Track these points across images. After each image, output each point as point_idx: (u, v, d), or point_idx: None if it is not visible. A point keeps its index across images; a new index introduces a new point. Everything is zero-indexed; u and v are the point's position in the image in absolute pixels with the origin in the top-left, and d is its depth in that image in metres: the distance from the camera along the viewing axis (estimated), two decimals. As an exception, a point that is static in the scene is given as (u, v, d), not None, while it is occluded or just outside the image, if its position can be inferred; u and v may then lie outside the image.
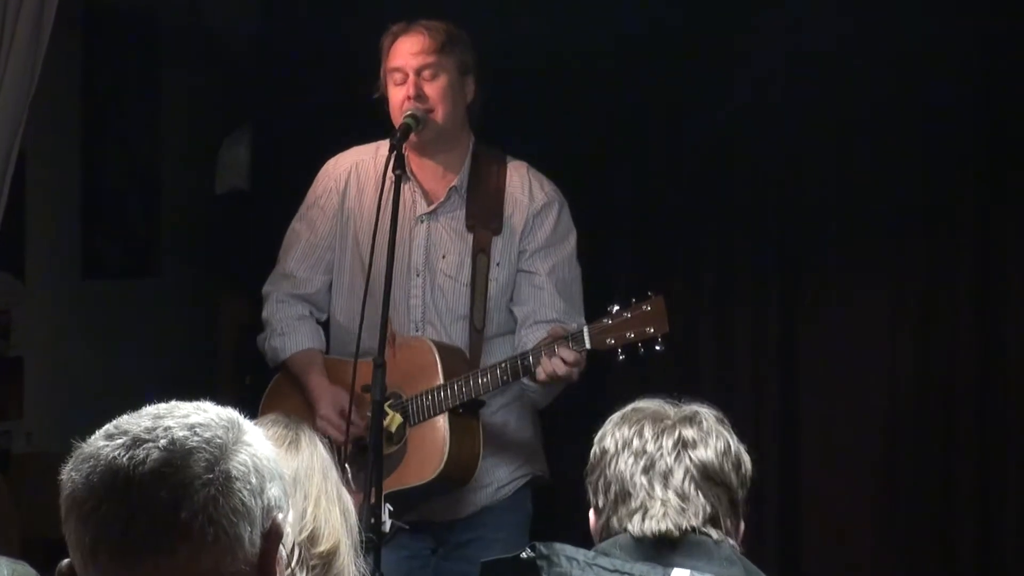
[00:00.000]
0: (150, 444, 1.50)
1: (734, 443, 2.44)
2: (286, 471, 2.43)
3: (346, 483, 2.60)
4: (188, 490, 1.49)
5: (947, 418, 5.03)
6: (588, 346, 3.74)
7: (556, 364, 3.74)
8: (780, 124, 5.18)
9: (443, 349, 3.93)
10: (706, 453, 2.39)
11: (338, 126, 5.35)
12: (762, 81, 5.16)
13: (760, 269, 5.26)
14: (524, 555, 2.29)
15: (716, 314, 5.27)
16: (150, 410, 1.56)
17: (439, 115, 3.96)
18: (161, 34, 5.94)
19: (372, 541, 3.44)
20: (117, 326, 5.73)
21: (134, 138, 5.97)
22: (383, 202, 3.79)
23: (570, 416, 4.54)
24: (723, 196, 5.27)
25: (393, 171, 3.78)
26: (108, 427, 1.55)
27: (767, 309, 5.25)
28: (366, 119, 4.28)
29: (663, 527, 2.35)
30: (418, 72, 3.95)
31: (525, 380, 3.88)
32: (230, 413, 1.59)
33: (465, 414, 3.87)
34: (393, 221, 3.73)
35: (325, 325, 4.18)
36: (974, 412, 4.99)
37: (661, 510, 2.36)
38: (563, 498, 4.20)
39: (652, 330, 3.69)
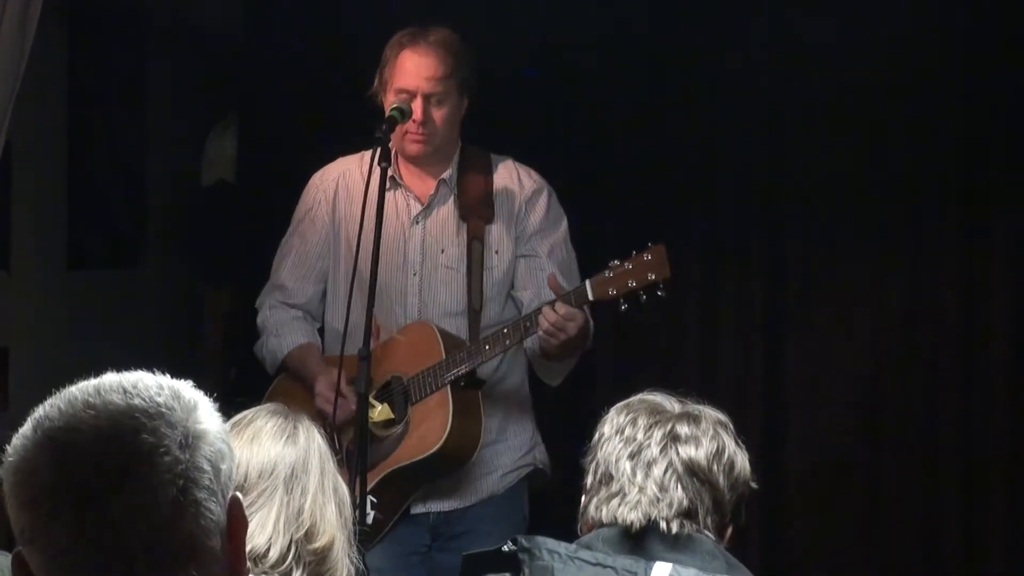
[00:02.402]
0: (108, 484, 1.41)
1: (730, 448, 2.45)
2: (284, 462, 2.43)
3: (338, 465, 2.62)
4: (161, 530, 1.42)
5: (930, 415, 5.05)
6: (591, 298, 3.76)
7: (550, 315, 3.76)
8: (768, 117, 5.20)
9: (443, 331, 3.96)
10: (695, 452, 2.41)
11: (324, 118, 5.35)
12: (750, 78, 5.17)
13: (746, 262, 5.27)
14: (506, 548, 2.31)
15: (701, 308, 5.28)
16: (86, 418, 1.44)
17: (437, 139, 4.00)
18: (146, 26, 5.94)
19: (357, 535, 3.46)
20: (102, 317, 5.73)
21: (120, 130, 5.96)
22: (368, 202, 3.79)
23: (560, 416, 4.56)
24: (708, 192, 5.28)
25: (379, 163, 3.78)
26: (51, 443, 1.44)
27: (752, 303, 5.25)
28: (351, 111, 4.29)
29: (632, 518, 2.36)
30: (426, 97, 3.96)
31: (530, 343, 3.91)
32: (173, 398, 1.47)
33: (467, 389, 3.89)
34: (379, 210, 3.74)
35: (319, 333, 4.20)
36: (958, 408, 5.00)
37: (636, 497, 2.37)
38: (556, 496, 4.22)
39: (653, 276, 3.70)
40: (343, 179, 4.11)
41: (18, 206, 5.39)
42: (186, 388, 1.51)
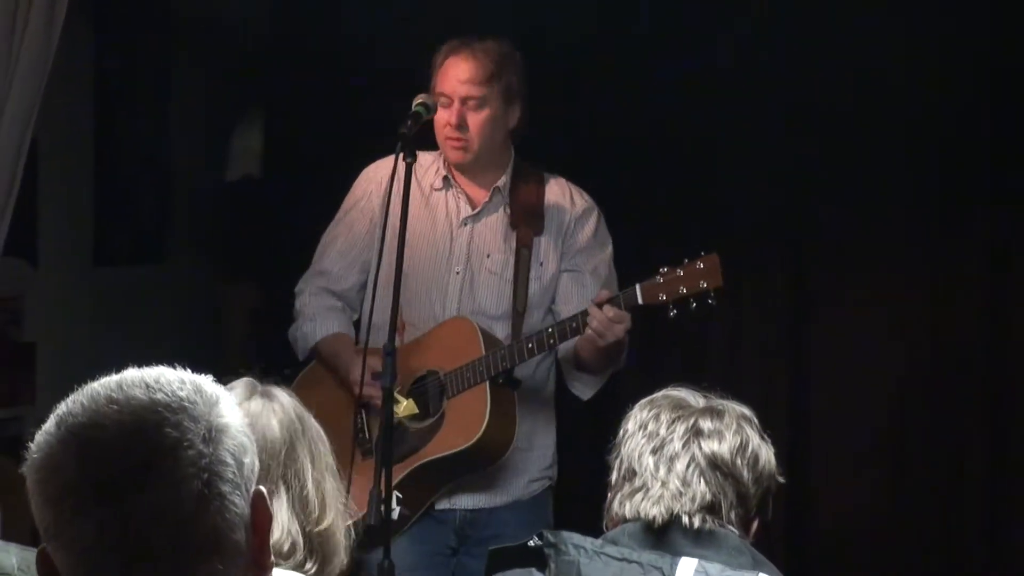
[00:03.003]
0: (132, 479, 1.41)
1: (754, 441, 2.44)
2: (275, 448, 2.39)
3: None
4: (188, 524, 1.42)
5: (957, 406, 5.03)
6: (640, 302, 3.77)
7: (598, 314, 3.76)
8: (791, 114, 5.18)
9: (483, 328, 3.98)
10: (719, 446, 2.40)
11: (349, 114, 5.36)
12: (767, 74, 5.16)
13: (768, 262, 5.26)
14: (532, 543, 2.30)
15: (724, 308, 5.26)
16: (108, 412, 1.44)
17: (475, 145, 4.02)
18: (172, 22, 5.95)
19: (378, 529, 3.46)
20: (128, 312, 5.74)
21: (146, 125, 5.97)
22: (392, 187, 3.79)
23: (588, 417, 4.56)
24: (729, 190, 5.27)
25: (404, 159, 3.78)
26: (74, 439, 1.43)
27: (775, 302, 5.25)
28: (377, 107, 4.29)
29: (654, 512, 2.36)
30: (463, 101, 3.98)
31: (564, 352, 3.93)
32: (196, 395, 1.47)
33: (504, 386, 3.90)
34: (404, 205, 3.74)
35: (356, 326, 4.20)
36: (985, 407, 4.99)
37: (659, 492, 2.37)
38: (580, 503, 4.22)
39: (705, 284, 3.71)
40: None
41: (45, 202, 5.40)
42: (207, 383, 1.51)
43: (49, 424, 1.48)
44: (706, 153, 5.25)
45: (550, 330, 3.87)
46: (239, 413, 1.51)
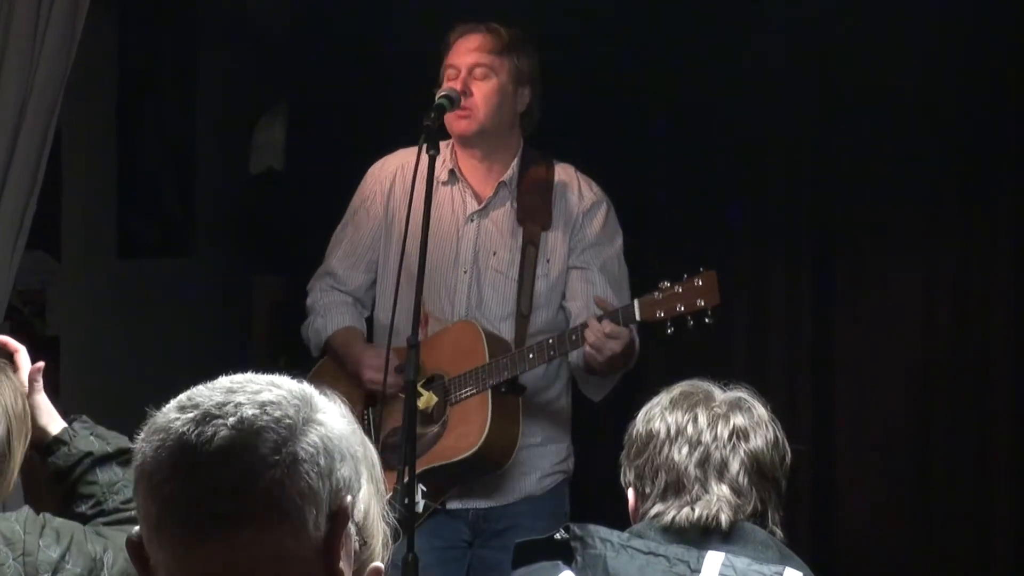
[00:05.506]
0: (219, 421, 1.48)
1: (780, 433, 2.42)
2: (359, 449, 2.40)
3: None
4: (253, 473, 1.46)
5: (982, 399, 5.01)
6: (638, 318, 3.75)
7: (596, 331, 3.74)
8: (815, 103, 5.17)
9: (489, 332, 3.95)
10: (757, 443, 2.37)
11: (373, 107, 5.35)
12: (794, 62, 5.15)
13: (794, 253, 5.25)
14: (558, 536, 2.29)
15: (750, 299, 5.25)
16: (223, 382, 1.54)
17: (480, 115, 3.98)
18: (197, 14, 5.95)
19: (405, 520, 3.45)
20: (152, 305, 5.74)
21: (169, 118, 5.98)
22: (416, 188, 3.78)
23: (605, 417, 4.55)
24: (756, 179, 5.26)
25: (427, 151, 3.77)
26: (182, 397, 1.53)
27: (801, 293, 5.23)
28: (400, 100, 4.28)
29: (707, 513, 2.33)
30: (470, 70, 3.96)
31: (574, 358, 3.90)
32: (304, 389, 1.56)
33: (507, 394, 3.88)
34: (427, 199, 3.73)
35: (368, 323, 4.20)
36: (1009, 393, 4.97)
37: (717, 506, 2.34)
38: (599, 499, 4.21)
39: (703, 302, 3.69)
40: (401, 172, 4.10)
41: (68, 195, 5.40)
42: (327, 402, 1.57)
43: None
44: (734, 144, 5.23)
45: (551, 341, 3.85)
46: (343, 426, 1.55)
